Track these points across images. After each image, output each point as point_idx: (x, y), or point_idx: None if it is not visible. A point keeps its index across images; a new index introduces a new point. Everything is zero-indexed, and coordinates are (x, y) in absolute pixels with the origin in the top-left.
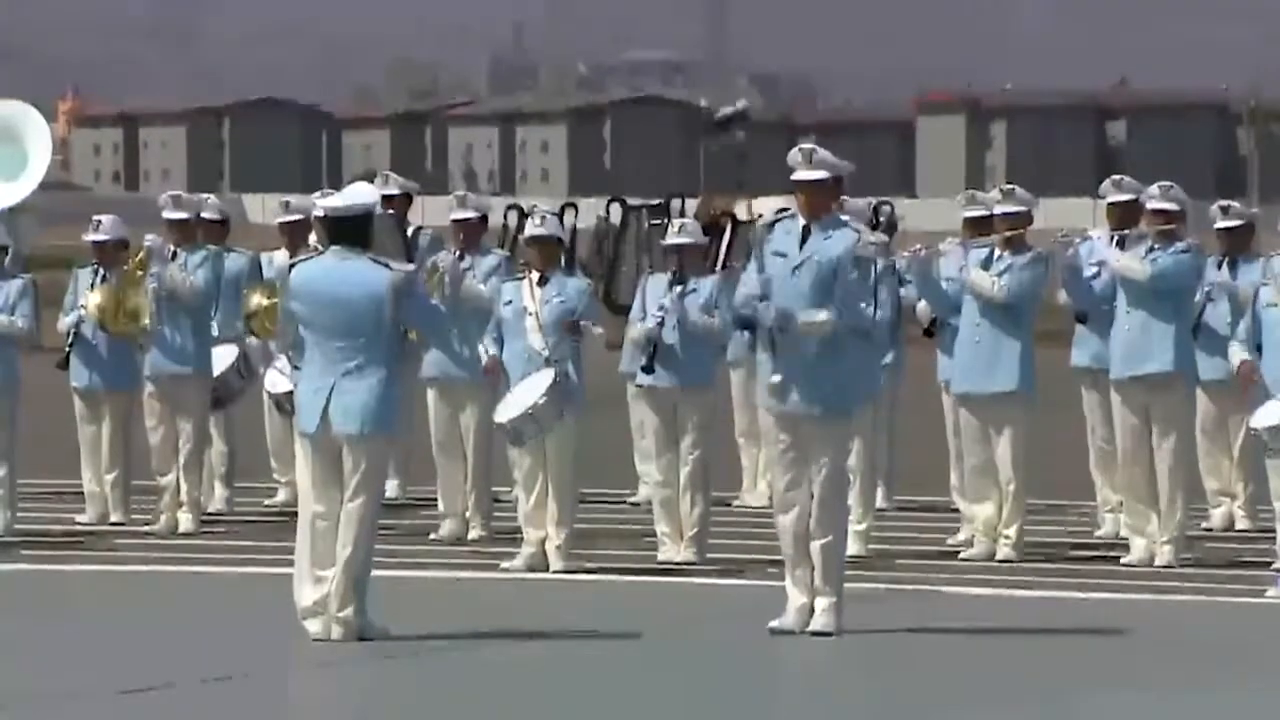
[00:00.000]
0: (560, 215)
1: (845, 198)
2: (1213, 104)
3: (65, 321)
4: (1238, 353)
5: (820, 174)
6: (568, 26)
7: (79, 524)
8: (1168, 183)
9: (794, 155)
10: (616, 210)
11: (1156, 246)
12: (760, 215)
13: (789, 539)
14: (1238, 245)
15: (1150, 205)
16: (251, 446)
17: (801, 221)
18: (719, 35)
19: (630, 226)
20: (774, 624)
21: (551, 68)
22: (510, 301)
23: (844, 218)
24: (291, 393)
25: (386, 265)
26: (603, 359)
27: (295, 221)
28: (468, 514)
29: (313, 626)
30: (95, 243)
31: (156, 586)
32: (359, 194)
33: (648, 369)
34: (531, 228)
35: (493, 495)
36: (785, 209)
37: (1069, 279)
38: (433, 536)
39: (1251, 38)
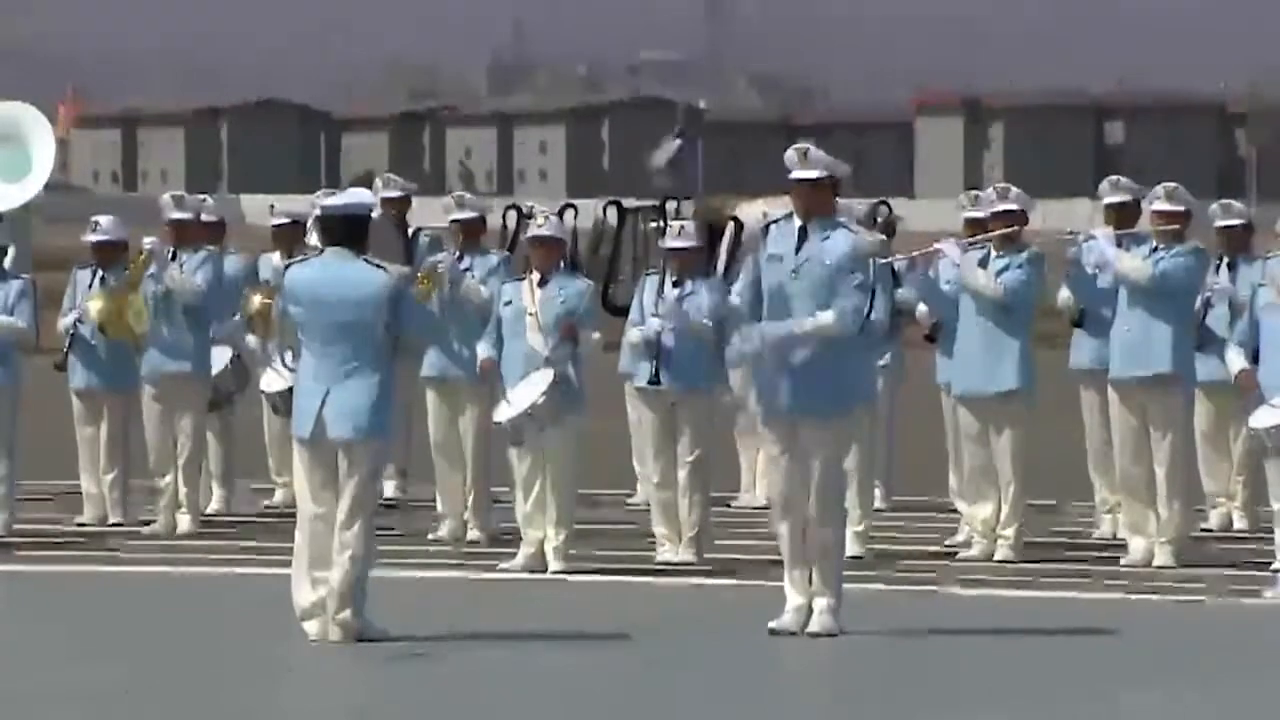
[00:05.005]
0: (560, 216)
1: (839, 200)
2: (1213, 104)
3: (64, 322)
4: (1235, 360)
5: (816, 173)
6: (567, 26)
7: (78, 525)
8: (1173, 184)
9: (789, 155)
10: (613, 212)
11: (1160, 248)
12: (766, 214)
13: (787, 540)
14: (1236, 246)
15: (1155, 207)
16: (250, 447)
17: (798, 223)
18: (719, 35)
19: (628, 228)
20: (773, 625)
21: (550, 68)
22: (510, 302)
23: (841, 219)
24: (284, 392)
25: (383, 268)
26: (600, 359)
27: (287, 224)
28: (466, 514)
29: (311, 628)
30: (94, 243)
31: (155, 587)
32: (357, 195)
33: (654, 380)
34: (534, 228)
35: (492, 496)
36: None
37: (1073, 277)
38: (431, 537)
39: (1251, 38)
